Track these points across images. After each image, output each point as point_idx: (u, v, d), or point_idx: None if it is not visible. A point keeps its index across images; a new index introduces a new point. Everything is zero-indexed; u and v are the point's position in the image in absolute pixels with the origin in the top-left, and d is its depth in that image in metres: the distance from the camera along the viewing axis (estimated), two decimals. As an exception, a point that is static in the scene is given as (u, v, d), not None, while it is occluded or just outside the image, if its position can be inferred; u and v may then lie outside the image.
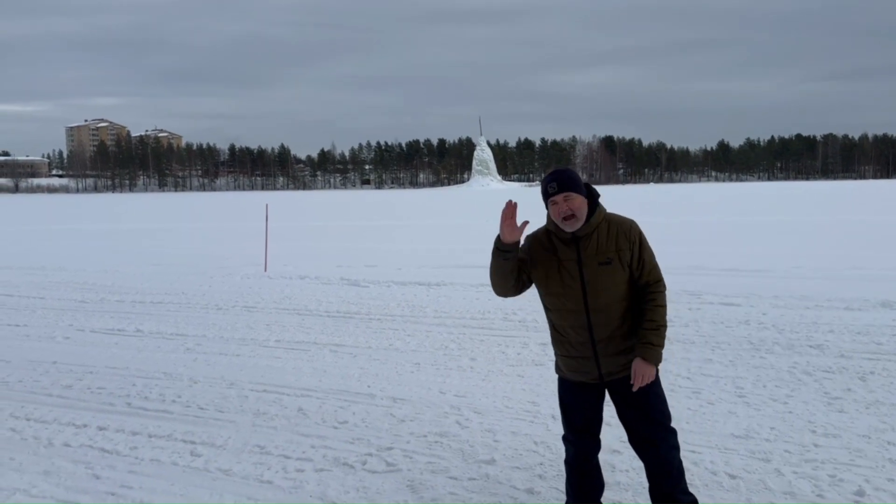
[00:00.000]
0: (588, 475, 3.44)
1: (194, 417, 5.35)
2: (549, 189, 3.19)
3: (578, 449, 3.41)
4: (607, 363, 3.24)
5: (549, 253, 3.26)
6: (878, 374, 6.06)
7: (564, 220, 3.16)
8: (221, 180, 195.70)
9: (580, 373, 3.29)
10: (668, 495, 3.34)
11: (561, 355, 3.37)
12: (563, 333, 3.31)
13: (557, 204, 3.17)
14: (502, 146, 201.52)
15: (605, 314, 3.20)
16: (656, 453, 3.30)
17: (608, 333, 3.21)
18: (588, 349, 3.23)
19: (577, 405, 3.37)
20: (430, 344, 7.57)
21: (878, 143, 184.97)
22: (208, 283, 12.55)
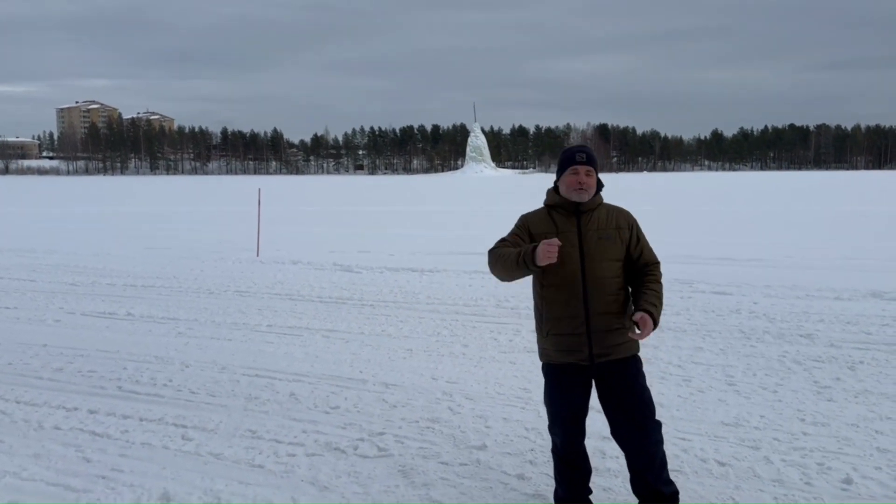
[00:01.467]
0: (574, 463, 3.44)
1: (185, 401, 5.34)
2: (577, 157, 3.27)
3: (565, 439, 3.39)
4: (598, 341, 3.22)
5: (549, 225, 3.30)
6: (867, 364, 6.11)
7: (577, 190, 3.25)
8: (214, 164, 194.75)
9: (570, 352, 3.24)
10: (651, 486, 3.34)
11: (553, 334, 3.27)
12: (557, 308, 3.24)
13: (578, 174, 3.26)
14: (496, 133, 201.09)
15: (600, 287, 3.22)
16: (640, 444, 3.30)
17: (602, 308, 3.23)
18: (581, 324, 3.21)
19: (564, 392, 3.32)
20: (422, 330, 7.57)
21: (870, 134, 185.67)
22: (200, 267, 12.50)
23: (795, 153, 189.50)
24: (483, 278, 10.80)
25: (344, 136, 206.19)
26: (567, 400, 3.35)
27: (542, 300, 3.32)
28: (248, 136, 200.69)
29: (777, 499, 3.70)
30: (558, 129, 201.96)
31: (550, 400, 3.43)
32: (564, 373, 3.31)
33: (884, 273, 11.00)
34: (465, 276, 11.00)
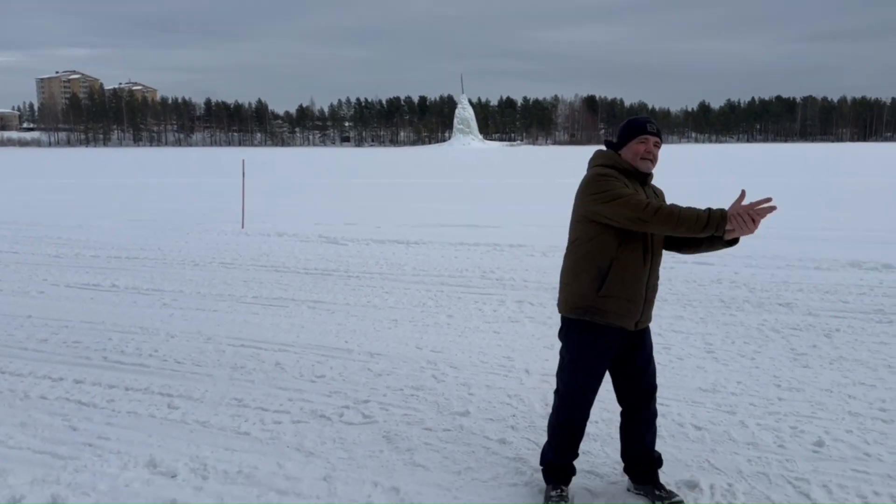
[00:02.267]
0: (579, 431, 3.43)
1: (171, 371, 5.37)
2: (648, 126, 3.25)
3: (581, 408, 3.37)
4: (646, 310, 3.31)
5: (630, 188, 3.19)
6: (843, 332, 6.24)
7: (644, 159, 3.23)
8: (197, 135, 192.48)
9: (625, 316, 3.22)
10: (648, 448, 3.47)
11: (616, 297, 3.17)
12: (628, 271, 3.18)
13: (648, 143, 3.23)
14: (484, 105, 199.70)
15: (657, 257, 3.30)
16: (649, 407, 3.43)
17: (654, 279, 3.32)
18: (642, 292, 3.24)
19: (605, 353, 3.29)
20: (407, 301, 7.62)
21: (856, 106, 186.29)
22: (185, 238, 12.46)
23: (782, 125, 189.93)
24: (469, 250, 10.85)
25: (330, 108, 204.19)
26: (605, 363, 3.32)
27: (614, 261, 3.16)
28: (232, 108, 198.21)
29: (751, 461, 3.81)
30: (546, 101, 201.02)
31: (581, 364, 3.31)
32: (608, 335, 3.25)
33: (863, 243, 11.17)
34: (450, 248, 11.04)
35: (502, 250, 10.80)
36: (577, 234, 3.29)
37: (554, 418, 3.46)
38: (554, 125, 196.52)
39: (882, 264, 9.10)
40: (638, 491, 3.48)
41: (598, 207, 3.14)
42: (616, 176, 3.18)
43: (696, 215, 2.94)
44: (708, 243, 3.21)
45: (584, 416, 3.41)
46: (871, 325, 6.45)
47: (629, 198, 3.06)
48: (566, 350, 3.39)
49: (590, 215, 3.20)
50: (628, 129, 3.28)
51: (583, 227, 3.26)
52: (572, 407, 3.38)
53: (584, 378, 3.33)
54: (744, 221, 2.91)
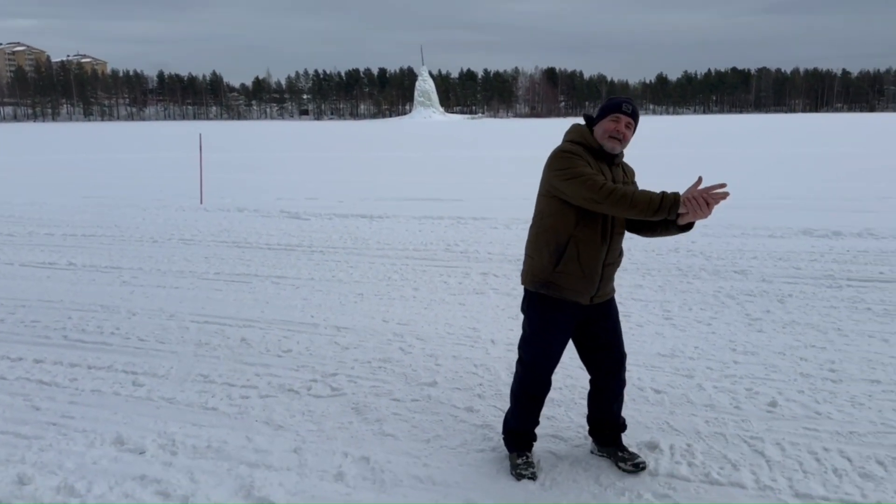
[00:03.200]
0: (540, 398, 3.52)
1: (134, 349, 5.32)
2: (623, 106, 3.24)
3: (542, 376, 3.46)
4: (603, 286, 3.36)
5: (595, 166, 3.23)
6: (795, 297, 6.47)
7: (612, 138, 3.22)
8: (150, 109, 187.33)
9: (578, 292, 3.30)
10: (615, 415, 3.58)
11: (569, 273, 3.25)
12: (584, 250, 3.23)
13: (619, 122, 3.22)
14: (444, 77, 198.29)
15: (618, 237, 3.35)
16: (618, 375, 3.51)
17: (614, 259, 3.37)
18: (599, 270, 3.29)
19: (561, 325, 3.38)
20: (373, 275, 7.64)
21: (808, 77, 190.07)
22: (142, 215, 12.21)
23: (737, 96, 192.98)
24: (433, 223, 10.88)
25: (287, 80, 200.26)
26: (561, 334, 3.40)
27: (572, 237, 3.22)
28: (186, 80, 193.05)
29: (708, 422, 3.96)
30: (506, 74, 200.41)
31: (543, 334, 3.39)
32: (563, 308, 3.33)
33: (814, 211, 11.52)
34: (414, 222, 11.05)
35: (466, 223, 10.86)
36: (541, 208, 3.35)
37: (517, 387, 3.54)
38: (515, 98, 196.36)
39: (832, 231, 9.42)
40: (601, 453, 3.60)
41: (558, 184, 3.20)
42: (581, 154, 3.21)
43: (649, 198, 2.98)
44: (663, 228, 3.26)
45: (545, 384, 3.50)
46: (822, 290, 6.69)
47: (587, 178, 3.10)
48: (527, 322, 3.47)
49: (552, 191, 3.25)
50: (604, 107, 3.31)
51: (546, 201, 3.31)
52: (534, 376, 3.47)
53: (545, 349, 3.42)
54: (697, 205, 2.95)
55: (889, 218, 10.70)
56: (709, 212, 2.96)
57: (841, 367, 4.72)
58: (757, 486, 3.30)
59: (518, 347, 3.55)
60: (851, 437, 3.73)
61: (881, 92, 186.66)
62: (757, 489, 3.28)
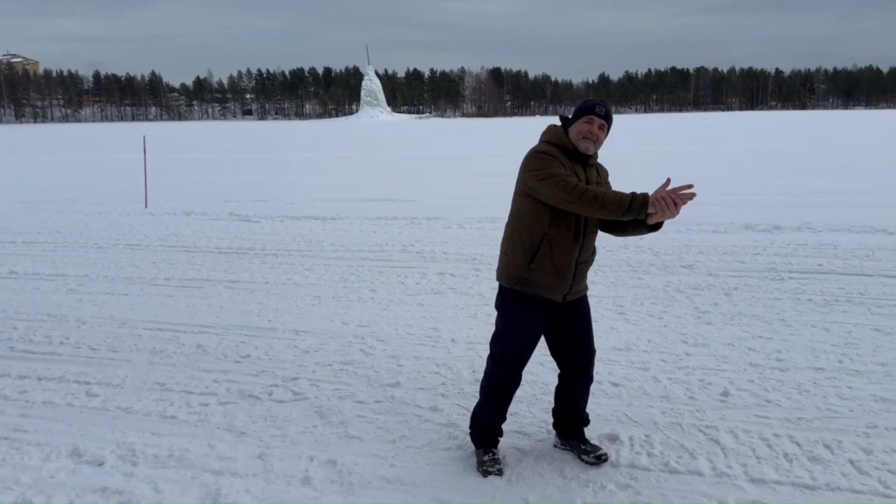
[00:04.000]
0: (510, 392, 3.59)
1: (86, 358, 5.17)
2: (597, 108, 3.31)
3: (514, 371, 3.52)
4: (576, 283, 3.43)
5: (570, 166, 3.31)
6: (741, 290, 6.72)
7: (586, 139, 3.30)
8: (86, 110, 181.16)
9: (552, 289, 3.37)
10: (581, 410, 3.67)
11: (543, 271, 3.32)
12: (558, 249, 3.30)
13: (592, 124, 3.30)
14: (391, 76, 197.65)
15: (591, 237, 3.42)
16: (588, 371, 3.60)
17: (586, 256, 3.44)
18: (571, 268, 3.37)
19: (535, 322, 3.45)
20: (329, 277, 7.60)
21: (744, 76, 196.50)
22: (84, 220, 11.84)
23: (677, 95, 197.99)
24: (387, 224, 10.88)
25: (229, 79, 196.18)
26: (535, 330, 3.47)
27: (546, 236, 3.29)
28: (123, 80, 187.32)
29: (665, 413, 4.09)
30: (453, 73, 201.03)
31: (517, 330, 3.45)
32: (538, 304, 3.40)
33: (755, 207, 11.96)
34: (368, 223, 11.02)
35: (420, 223, 10.89)
36: (517, 207, 3.42)
37: (487, 382, 3.59)
38: (461, 97, 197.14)
39: (773, 226, 9.80)
40: (565, 447, 3.69)
41: (532, 183, 3.27)
42: (555, 155, 3.29)
43: (619, 199, 3.07)
44: (634, 227, 3.36)
45: (516, 379, 3.57)
46: (766, 282, 6.97)
47: (560, 178, 3.17)
48: (501, 318, 3.53)
49: (527, 190, 3.33)
50: (578, 109, 3.39)
51: (521, 200, 3.38)
52: (505, 371, 3.53)
53: (517, 344, 3.48)
54: (665, 205, 3.06)
55: (825, 212, 11.19)
56: (677, 211, 3.07)
57: (787, 356, 4.93)
58: (714, 473, 3.43)
59: (490, 343, 3.61)
60: (799, 423, 3.92)
61: (812, 90, 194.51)
62: (714, 476, 3.41)
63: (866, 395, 4.27)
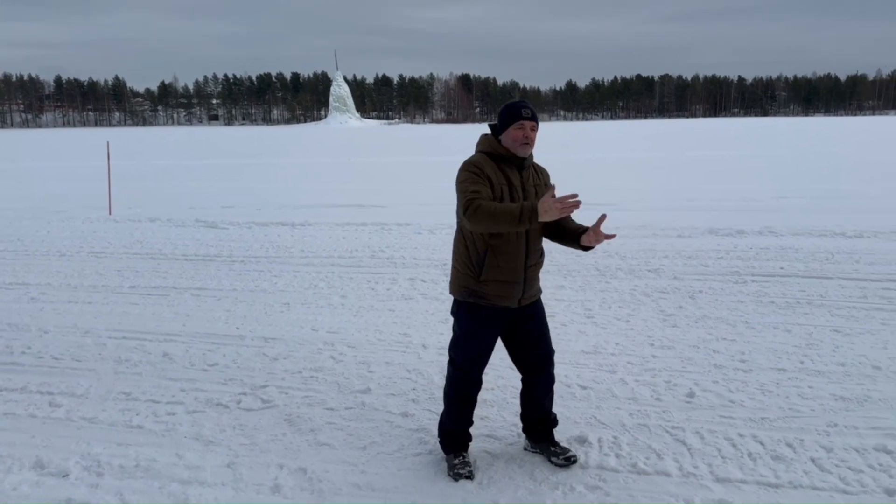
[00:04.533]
0: (472, 397, 3.62)
1: (49, 368, 5.07)
2: (523, 112, 3.34)
3: (472, 376, 3.56)
4: (528, 288, 3.47)
5: (501, 176, 3.35)
6: (705, 293, 6.84)
7: (523, 144, 3.34)
8: (48, 116, 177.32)
9: (505, 297, 3.41)
10: (546, 410, 3.70)
11: (493, 281, 3.37)
12: (503, 258, 3.35)
13: (524, 128, 3.34)
14: (360, 82, 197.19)
15: (536, 240, 3.45)
16: (547, 371, 3.64)
17: (534, 260, 3.47)
18: (521, 274, 3.41)
19: (490, 331, 3.50)
20: (298, 284, 7.54)
21: (707, 84, 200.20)
22: (46, 227, 11.59)
23: (642, 102, 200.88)
24: (356, 230, 10.85)
25: (195, 84, 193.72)
26: (490, 338, 3.52)
27: (489, 248, 3.34)
28: (86, 85, 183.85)
29: (632, 414, 4.15)
30: (422, 80, 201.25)
31: (473, 339, 3.50)
32: (493, 314, 3.45)
33: (718, 212, 12.19)
34: (338, 229, 10.98)
35: (390, 229, 10.88)
36: (459, 219, 3.43)
37: (449, 388, 3.62)
38: (431, 103, 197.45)
39: (736, 230, 10.00)
40: (535, 450, 3.72)
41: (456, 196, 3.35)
42: (482, 166, 3.32)
43: (510, 211, 3.10)
44: (568, 241, 3.49)
45: (476, 384, 3.60)
46: (729, 285, 7.11)
47: (465, 194, 3.22)
48: (458, 326, 3.57)
49: None
50: (506, 115, 3.40)
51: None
52: (465, 376, 3.56)
53: (474, 351, 3.52)
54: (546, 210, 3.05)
55: (786, 216, 11.46)
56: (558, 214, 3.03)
57: (750, 358, 5.04)
58: (681, 473, 3.49)
59: (448, 349, 3.63)
60: (763, 423, 4.00)
61: (773, 97, 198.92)
62: (681, 476, 3.47)
63: (827, 394, 4.38)
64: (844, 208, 12.51)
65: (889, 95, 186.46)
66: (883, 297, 6.55)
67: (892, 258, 8.11)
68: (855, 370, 4.77)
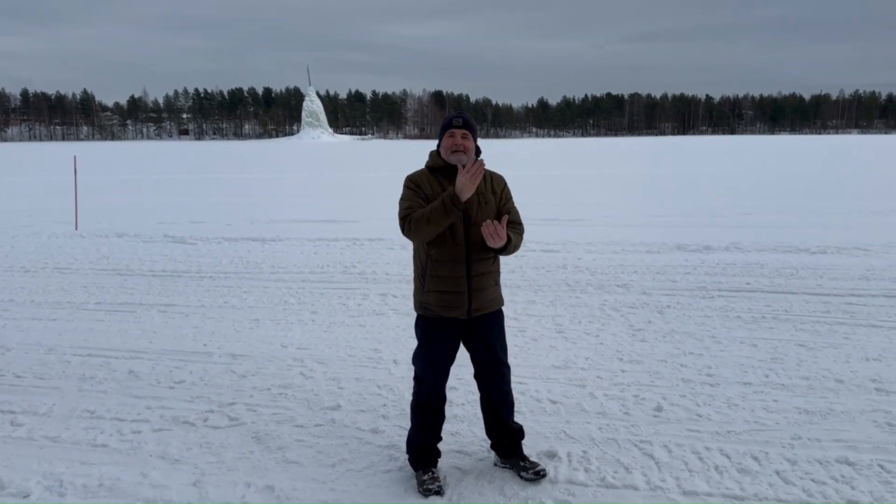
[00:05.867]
0: (436, 408, 3.65)
1: (10, 386, 4.95)
2: (454, 121, 3.43)
3: (434, 387, 3.60)
4: (477, 299, 3.48)
5: (436, 187, 3.43)
6: (673, 308, 6.93)
7: (454, 152, 3.39)
8: (13, 129, 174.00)
9: (451, 308, 3.45)
10: (505, 421, 3.72)
11: (435, 291, 3.44)
12: (442, 268, 3.41)
13: (455, 137, 3.41)
14: (333, 98, 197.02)
15: (480, 250, 3.45)
16: (500, 383, 3.66)
17: (482, 269, 3.48)
18: (464, 284, 3.43)
19: (441, 342, 3.54)
20: (268, 299, 7.48)
21: (676, 102, 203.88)
22: (10, 242, 11.35)
23: (612, 120, 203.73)
24: (328, 245, 10.80)
25: (165, 99, 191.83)
26: (443, 349, 3.55)
27: (429, 258, 3.44)
28: (53, 98, 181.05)
29: (601, 429, 4.18)
30: (395, 96, 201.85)
31: (427, 350, 3.56)
32: (442, 325, 3.51)
33: (686, 228, 12.38)
34: (308, 244, 10.92)
35: (362, 244, 10.85)
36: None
37: (414, 401, 3.67)
38: (404, 119, 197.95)
39: (703, 246, 10.16)
40: (504, 465, 3.73)
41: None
42: (416, 181, 3.44)
43: (435, 206, 3.26)
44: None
45: (439, 396, 3.63)
46: (697, 300, 7.21)
47: (401, 210, 3.40)
48: (417, 339, 3.64)
49: None
50: (441, 127, 3.53)
51: None
52: (426, 389, 3.60)
53: (432, 362, 3.57)
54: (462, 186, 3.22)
55: (752, 233, 11.68)
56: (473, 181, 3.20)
57: (717, 372, 5.11)
58: (648, 487, 3.52)
59: (412, 362, 3.68)
60: (729, 436, 4.06)
61: (740, 116, 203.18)
62: (648, 489, 3.50)
63: (791, 407, 4.46)
64: (808, 224, 12.80)
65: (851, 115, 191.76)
66: (846, 311, 6.70)
67: (854, 273, 8.31)
68: (818, 384, 4.86)
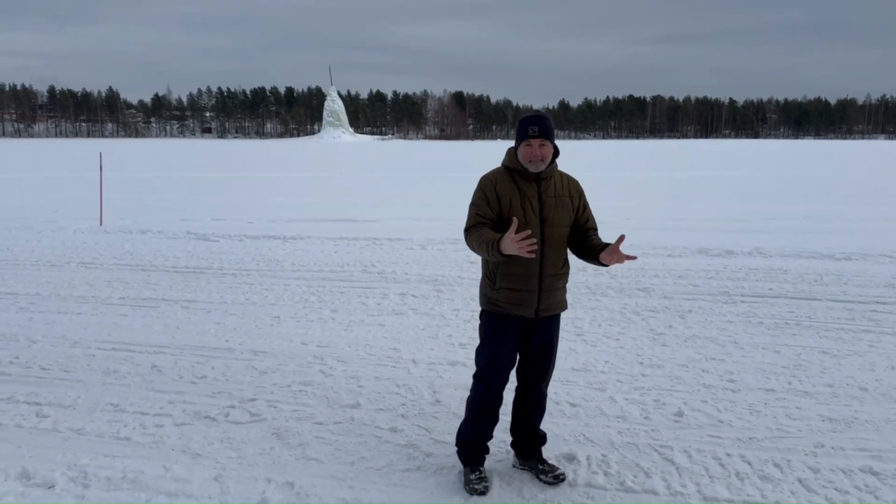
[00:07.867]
0: (491, 412, 3.64)
1: (37, 378, 5.03)
2: (529, 131, 3.40)
3: (491, 387, 3.59)
4: (546, 299, 3.48)
5: (513, 188, 3.43)
6: (694, 312, 6.88)
7: (531, 162, 3.40)
8: (40, 126, 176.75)
9: (520, 306, 3.46)
10: (532, 424, 3.72)
11: (506, 288, 3.43)
12: (516, 266, 3.39)
13: (532, 147, 3.40)
14: (354, 98, 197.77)
15: (554, 250, 3.46)
16: (541, 384, 3.67)
17: (553, 270, 3.48)
18: (535, 283, 3.44)
19: (505, 342, 3.53)
20: (288, 297, 7.54)
21: (699, 105, 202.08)
22: (37, 238, 11.53)
23: (634, 123, 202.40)
24: (348, 244, 10.85)
25: (189, 97, 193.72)
26: (506, 350, 3.55)
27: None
28: (79, 96, 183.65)
29: (621, 432, 4.16)
30: (416, 96, 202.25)
31: (489, 348, 3.56)
32: (508, 323, 3.50)
33: (708, 232, 12.28)
34: (329, 243, 10.98)
35: (382, 244, 10.89)
36: None
37: (471, 396, 3.67)
38: (424, 120, 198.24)
39: (725, 251, 10.07)
40: (523, 467, 3.73)
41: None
42: (492, 182, 3.44)
43: (483, 240, 3.28)
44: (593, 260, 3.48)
45: (495, 397, 3.61)
46: (719, 305, 7.15)
47: (468, 218, 3.45)
48: (480, 336, 3.64)
49: None
50: (517, 132, 3.49)
51: None
52: (483, 387, 3.60)
53: (491, 363, 3.56)
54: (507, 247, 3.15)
55: (776, 238, 11.55)
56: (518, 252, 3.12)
57: (739, 378, 5.07)
58: (668, 492, 3.50)
59: (474, 360, 3.68)
60: (751, 443, 4.02)
61: (764, 119, 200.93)
62: (668, 495, 3.48)
63: (814, 415, 4.41)
64: (833, 231, 12.63)
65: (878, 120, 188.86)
66: (871, 319, 6.61)
67: (879, 280, 8.19)
68: (842, 391, 4.80)
